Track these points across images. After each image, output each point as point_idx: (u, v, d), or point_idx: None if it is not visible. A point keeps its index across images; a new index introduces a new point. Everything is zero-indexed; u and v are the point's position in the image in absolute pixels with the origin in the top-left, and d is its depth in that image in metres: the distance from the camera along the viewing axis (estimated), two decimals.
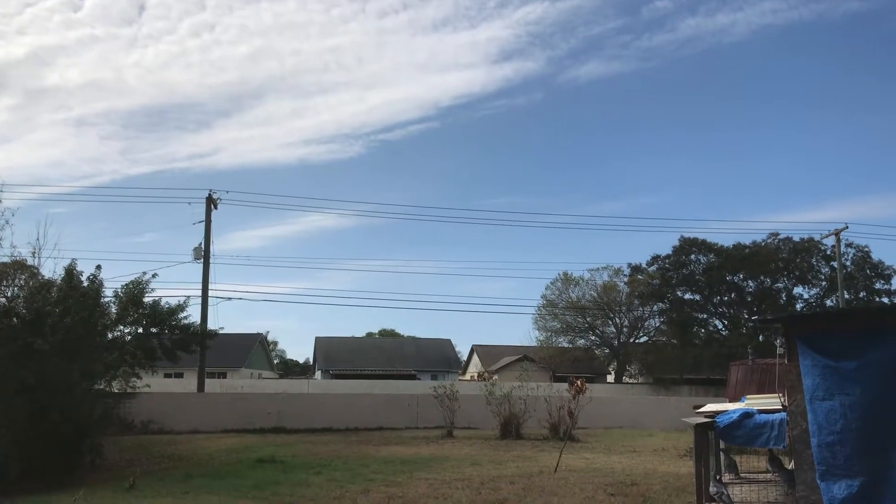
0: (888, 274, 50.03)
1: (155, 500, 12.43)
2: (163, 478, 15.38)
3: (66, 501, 12.60)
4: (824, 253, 50.28)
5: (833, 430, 5.28)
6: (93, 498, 12.85)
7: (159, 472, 16.42)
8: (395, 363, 60.77)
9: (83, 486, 14.37)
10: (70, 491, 13.86)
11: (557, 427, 24.24)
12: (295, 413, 28.51)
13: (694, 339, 50.31)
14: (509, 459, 18.68)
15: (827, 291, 50.43)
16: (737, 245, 51.45)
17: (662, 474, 15.88)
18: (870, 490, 5.17)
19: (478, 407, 26.59)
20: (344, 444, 22.30)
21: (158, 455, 19.61)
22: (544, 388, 27.71)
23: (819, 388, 5.40)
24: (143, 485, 14.18)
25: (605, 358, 58.17)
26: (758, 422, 6.28)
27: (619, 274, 55.01)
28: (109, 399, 19.01)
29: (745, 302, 51.73)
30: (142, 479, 14.97)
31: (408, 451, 20.46)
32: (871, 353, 5.35)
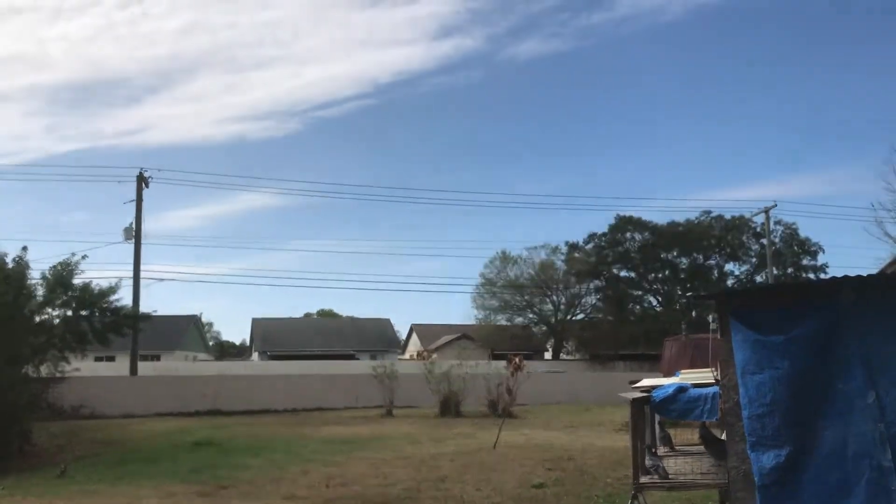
0: (814, 250, 51.76)
1: (87, 486, 12.13)
2: (95, 463, 15.02)
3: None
4: (754, 230, 51.70)
5: (763, 402, 5.43)
6: (22, 486, 12.48)
7: (91, 457, 16.03)
8: (334, 343, 60.45)
9: (11, 474, 13.94)
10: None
11: (496, 404, 24.50)
12: (232, 395, 28.17)
13: (629, 316, 51.31)
14: (449, 437, 18.82)
15: (757, 268, 51.94)
16: (671, 223, 52.53)
17: (599, 448, 16.21)
18: (796, 459, 5.34)
19: (417, 386, 26.68)
20: (282, 426, 22.15)
21: (90, 440, 19.14)
22: (483, 365, 27.96)
23: (750, 362, 5.54)
24: (74, 471, 13.82)
25: (542, 335, 58.91)
26: (692, 396, 6.43)
27: (556, 252, 55.66)
28: (37, 384, 18.44)
29: (679, 279, 52.94)
30: (73, 465, 14.59)
31: (347, 431, 20.44)
32: (798, 328, 5.50)
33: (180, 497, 10.92)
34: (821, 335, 5.41)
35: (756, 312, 5.66)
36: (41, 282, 20.58)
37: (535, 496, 10.69)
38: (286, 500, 10.54)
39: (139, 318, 26.71)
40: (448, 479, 12.25)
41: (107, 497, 11.00)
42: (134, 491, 11.51)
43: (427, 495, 10.80)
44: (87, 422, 24.02)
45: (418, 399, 27.32)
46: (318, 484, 11.83)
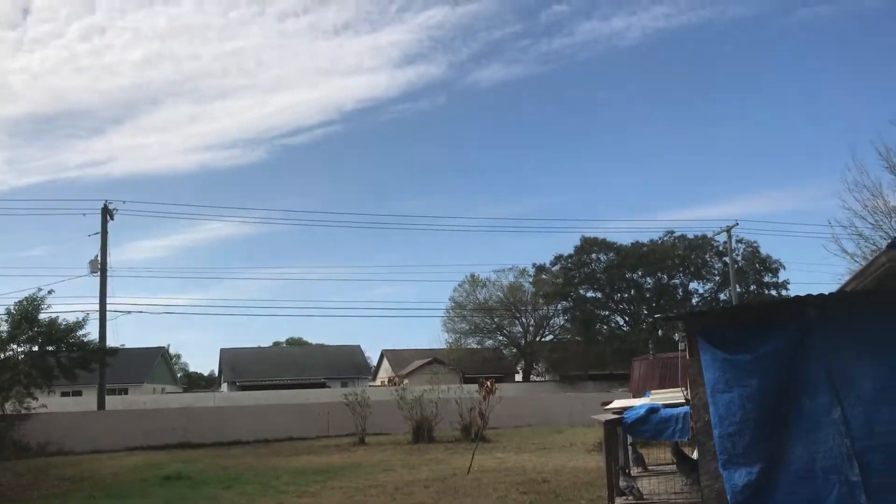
0: (775, 267, 52.67)
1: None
2: (64, 501, 14.71)
3: None
4: (717, 249, 52.51)
5: (733, 420, 5.55)
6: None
7: (60, 495, 15.69)
8: (304, 372, 59.93)
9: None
10: None
11: (469, 428, 24.47)
12: (201, 427, 27.77)
13: (597, 336, 51.67)
14: (422, 463, 18.74)
15: (720, 286, 52.67)
16: (635, 243, 53.15)
17: (572, 470, 16.27)
18: (767, 475, 5.45)
19: (389, 412, 26.56)
20: (254, 457, 21.89)
21: (58, 477, 18.73)
22: (455, 390, 27.95)
23: (719, 381, 5.66)
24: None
25: (512, 357, 59.04)
26: (663, 416, 6.54)
27: (524, 274, 56.00)
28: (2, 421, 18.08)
29: (645, 298, 53.49)
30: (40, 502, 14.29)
31: (320, 461, 20.25)
32: (764, 346, 5.64)
33: None
34: (787, 353, 5.56)
35: (724, 332, 5.79)
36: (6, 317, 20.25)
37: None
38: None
39: (106, 353, 26.32)
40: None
41: None
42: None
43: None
44: (53, 459, 23.50)
45: (391, 426, 27.18)
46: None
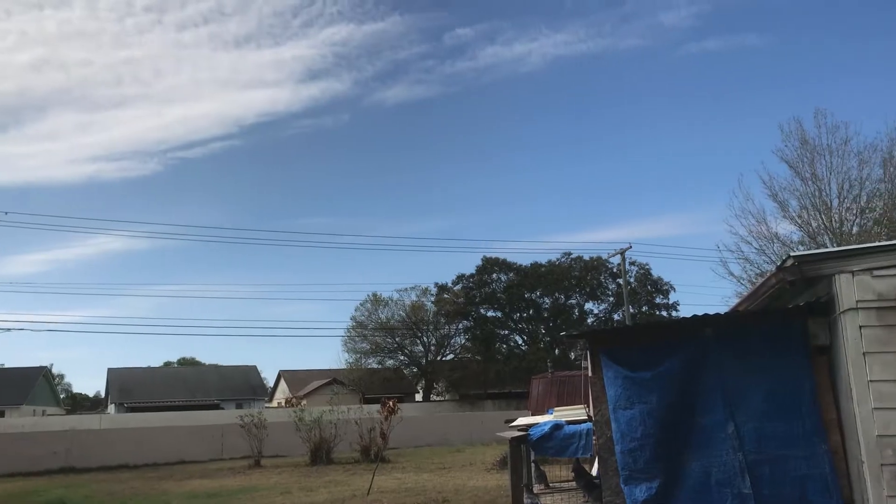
0: (666, 289, 54.73)
1: None
2: None
3: None
4: (611, 270, 54.13)
5: (634, 436, 5.68)
6: None
7: None
8: (197, 393, 58.05)
9: None
10: None
11: (369, 449, 24.24)
12: (86, 451, 26.45)
13: (496, 355, 52.23)
14: (321, 485, 18.41)
15: (614, 306, 54.25)
16: (534, 264, 54.19)
17: (472, 489, 16.31)
18: (666, 490, 5.59)
19: (287, 434, 26.01)
20: (142, 481, 20.99)
21: None
22: (355, 410, 27.64)
23: (621, 397, 5.80)
24: None
25: (413, 377, 58.95)
26: (567, 433, 6.64)
27: (426, 293, 56.12)
28: None
29: (543, 318, 54.51)
30: None
31: (213, 484, 19.61)
32: (663, 364, 5.81)
33: None
34: (685, 370, 5.75)
35: (626, 350, 5.94)
36: None
37: None
38: None
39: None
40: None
41: None
42: None
43: None
44: None
45: (288, 447, 26.62)
46: None
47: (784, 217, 25.67)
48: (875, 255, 5.49)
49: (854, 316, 5.35)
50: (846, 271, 5.44)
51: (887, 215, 23.75)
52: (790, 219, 25.55)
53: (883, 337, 5.30)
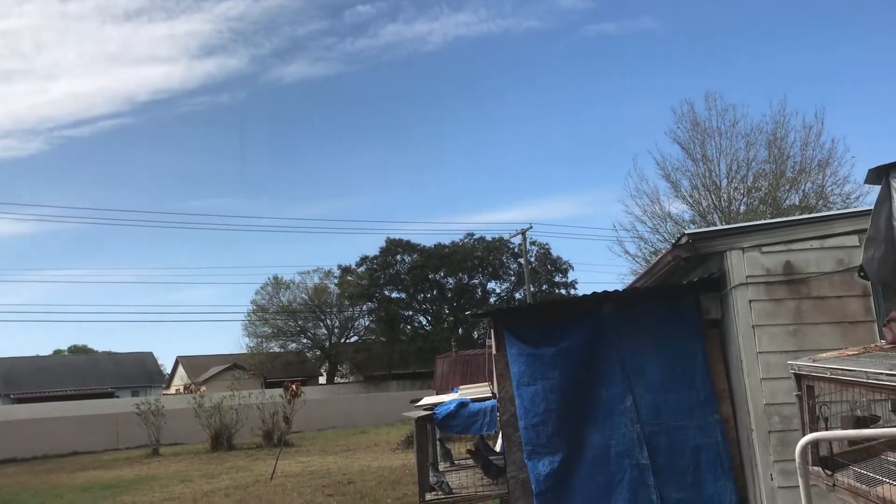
0: (565, 268, 56.08)
1: None
2: None
3: None
4: (513, 250, 54.99)
5: (537, 412, 5.78)
6: None
7: None
8: (90, 381, 55.82)
9: None
10: None
11: (272, 434, 23.92)
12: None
13: (401, 336, 52.37)
14: (223, 472, 18.07)
15: (516, 285, 55.20)
16: (437, 245, 54.48)
17: (377, 469, 16.33)
18: (567, 464, 5.73)
19: (186, 421, 25.37)
20: (31, 475, 20.05)
21: None
22: (257, 395, 27.18)
23: (525, 374, 5.88)
24: None
25: (316, 360, 58.43)
26: (472, 410, 6.70)
27: (329, 276, 55.60)
28: None
29: (447, 298, 54.94)
30: None
31: (109, 475, 18.94)
32: (565, 340, 5.93)
33: None
34: (586, 346, 5.89)
35: (529, 327, 6.03)
36: None
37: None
38: None
39: None
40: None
41: None
42: None
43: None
44: None
45: (188, 435, 25.96)
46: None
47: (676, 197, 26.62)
48: (763, 232, 5.74)
49: (744, 291, 5.59)
50: (737, 248, 5.67)
51: (772, 195, 24.96)
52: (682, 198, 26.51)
53: (771, 310, 5.55)
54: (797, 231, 5.70)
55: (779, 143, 25.21)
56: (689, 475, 5.60)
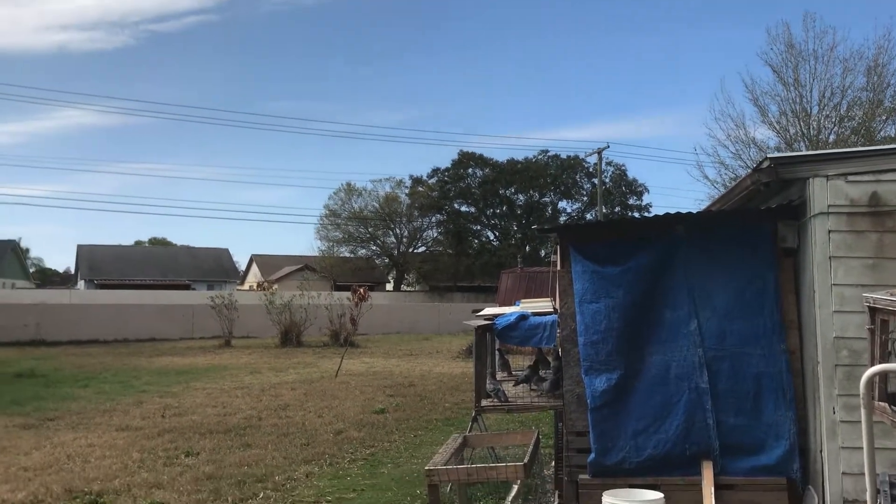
0: (640, 190, 55.09)
1: None
2: None
3: None
4: (587, 170, 54.16)
5: (598, 329, 5.76)
6: None
7: None
8: (169, 273, 58.15)
9: None
10: None
11: (338, 334, 24.64)
12: (56, 325, 26.62)
13: (468, 249, 52.71)
14: (290, 366, 18.78)
15: (587, 205, 54.58)
16: (510, 161, 54.00)
17: (437, 375, 16.73)
18: (625, 381, 5.74)
19: (257, 316, 26.34)
20: (113, 356, 21.24)
21: None
22: (325, 296, 27.94)
23: (588, 291, 5.84)
24: None
25: (384, 267, 59.46)
26: (532, 323, 6.72)
27: (400, 185, 55.95)
28: None
29: (516, 214, 54.78)
30: None
31: (183, 362, 19.91)
32: (632, 260, 5.84)
33: (0, 430, 10.28)
34: (653, 267, 5.79)
35: (595, 245, 5.95)
36: None
37: (376, 421, 10.92)
38: (119, 430, 10.17)
39: None
40: (290, 406, 12.26)
41: None
42: None
43: (268, 423, 10.77)
44: None
45: (258, 330, 26.99)
46: (153, 414, 11.50)
47: (763, 122, 25.62)
48: (851, 160, 5.46)
49: (824, 220, 5.37)
50: (821, 175, 5.41)
51: (865, 125, 23.75)
52: (769, 124, 25.51)
53: (850, 242, 5.34)
54: (890, 161, 5.41)
55: (879, 71, 23.81)
56: (749, 402, 5.54)
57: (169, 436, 9.73)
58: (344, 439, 9.64)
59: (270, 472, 7.80)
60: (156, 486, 7.24)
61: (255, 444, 9.28)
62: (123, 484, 7.27)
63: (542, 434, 7.90)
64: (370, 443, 9.47)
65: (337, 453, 8.84)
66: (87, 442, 9.35)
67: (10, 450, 8.96)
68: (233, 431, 10.09)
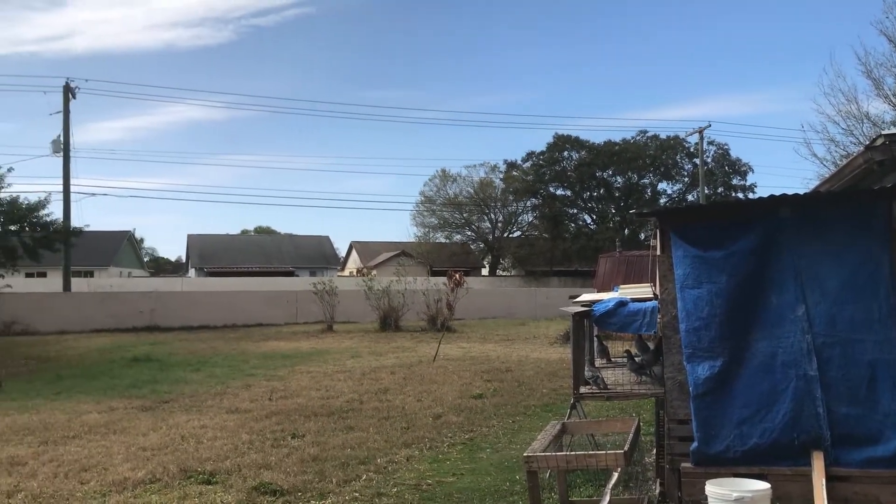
0: (744, 170, 53.13)
1: (25, 402, 11.98)
2: (31, 380, 14.80)
3: None
4: (688, 150, 52.62)
5: (700, 315, 5.62)
6: None
7: (27, 374, 15.79)
8: (273, 260, 60.07)
9: None
10: None
11: (435, 319, 24.89)
12: (169, 311, 27.92)
13: (564, 233, 52.19)
14: (389, 351, 19.09)
15: (689, 187, 53.10)
16: (607, 142, 53.06)
17: (535, 360, 16.68)
18: (729, 369, 5.58)
19: (357, 302, 26.90)
20: (222, 342, 22.12)
21: (25, 356, 18.83)
22: (422, 282, 28.26)
23: (689, 276, 5.71)
24: (9, 387, 13.61)
25: (480, 252, 59.62)
26: (631, 310, 6.63)
27: (495, 170, 55.91)
28: None
29: (614, 197, 53.83)
30: (8, 381, 14.35)
31: (288, 346, 20.55)
32: (737, 244, 5.67)
33: (121, 411, 10.89)
34: (758, 251, 5.60)
35: (697, 229, 5.79)
36: None
37: (474, 406, 10.99)
38: (230, 413, 10.61)
39: (71, 233, 26.06)
40: (389, 390, 12.49)
41: (46, 412, 10.89)
42: (73, 406, 11.42)
43: (369, 406, 11.00)
44: (20, 338, 23.57)
45: (358, 315, 27.55)
46: (261, 397, 11.93)
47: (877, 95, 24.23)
48: None
49: None
50: None
51: None
52: (884, 97, 24.11)
53: None
54: None
55: None
56: (863, 391, 5.30)
57: (276, 418, 10.08)
58: (443, 424, 9.76)
59: (372, 455, 7.99)
60: (264, 466, 7.52)
61: (357, 426, 9.51)
62: (234, 464, 7.58)
63: (643, 421, 7.79)
64: (469, 427, 9.56)
65: (436, 437, 8.96)
66: (200, 423, 9.79)
67: (129, 430, 9.49)
68: (336, 414, 10.37)
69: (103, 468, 7.54)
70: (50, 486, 6.95)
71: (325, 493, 6.68)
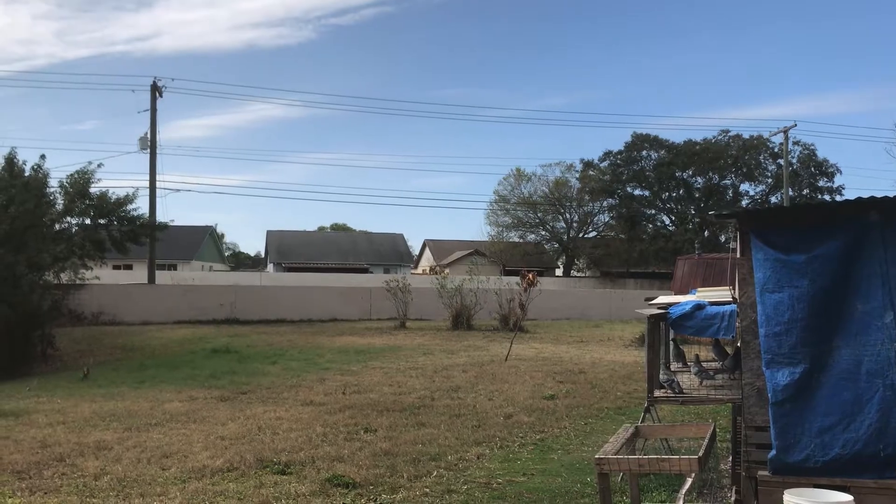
0: (831, 172, 51.20)
1: (110, 389, 12.50)
2: (116, 368, 15.44)
3: (20, 389, 12.60)
4: (772, 150, 51.04)
5: (780, 321, 5.46)
6: (47, 388, 12.87)
7: (112, 362, 16.47)
8: (348, 257, 60.97)
9: (35, 377, 14.36)
10: (23, 380, 13.85)
11: (507, 318, 24.82)
12: (248, 305, 28.63)
13: (641, 235, 51.33)
14: (461, 349, 19.14)
15: (772, 188, 51.52)
16: (687, 142, 51.91)
17: (609, 363, 16.48)
18: (810, 376, 5.40)
19: (430, 299, 27.05)
20: (298, 335, 22.57)
21: (111, 346, 19.62)
22: (494, 281, 28.24)
23: (770, 280, 5.55)
24: (96, 375, 14.23)
25: (554, 252, 59.17)
26: (709, 313, 6.48)
27: (570, 170, 55.39)
28: (58, 290, 18.78)
29: (693, 198, 52.64)
30: (95, 369, 15.01)
31: (362, 342, 20.81)
32: (820, 247, 5.48)
33: (201, 401, 11.25)
34: (843, 255, 5.40)
35: (779, 231, 5.63)
36: (59, 190, 20.72)
37: (546, 407, 10.94)
38: (304, 405, 10.84)
39: (156, 228, 27.02)
40: (461, 388, 12.53)
41: (130, 400, 11.34)
42: (156, 394, 11.86)
43: (441, 403, 11.07)
44: (106, 328, 24.56)
45: (431, 312, 27.71)
46: (334, 391, 12.14)
47: None
48: None
49: None
50: None
51: None
52: None
53: None
54: None
55: None
56: None
57: (349, 412, 10.25)
58: (514, 423, 9.74)
59: (443, 452, 8.04)
60: (337, 459, 7.66)
61: (428, 423, 9.58)
62: (308, 456, 7.75)
63: (720, 427, 7.62)
64: (540, 428, 9.52)
65: (507, 437, 8.96)
66: (276, 415, 10.04)
67: (209, 420, 9.80)
68: (408, 410, 10.47)
69: (183, 455, 7.81)
70: (133, 470, 7.24)
71: (396, 487, 6.76)
